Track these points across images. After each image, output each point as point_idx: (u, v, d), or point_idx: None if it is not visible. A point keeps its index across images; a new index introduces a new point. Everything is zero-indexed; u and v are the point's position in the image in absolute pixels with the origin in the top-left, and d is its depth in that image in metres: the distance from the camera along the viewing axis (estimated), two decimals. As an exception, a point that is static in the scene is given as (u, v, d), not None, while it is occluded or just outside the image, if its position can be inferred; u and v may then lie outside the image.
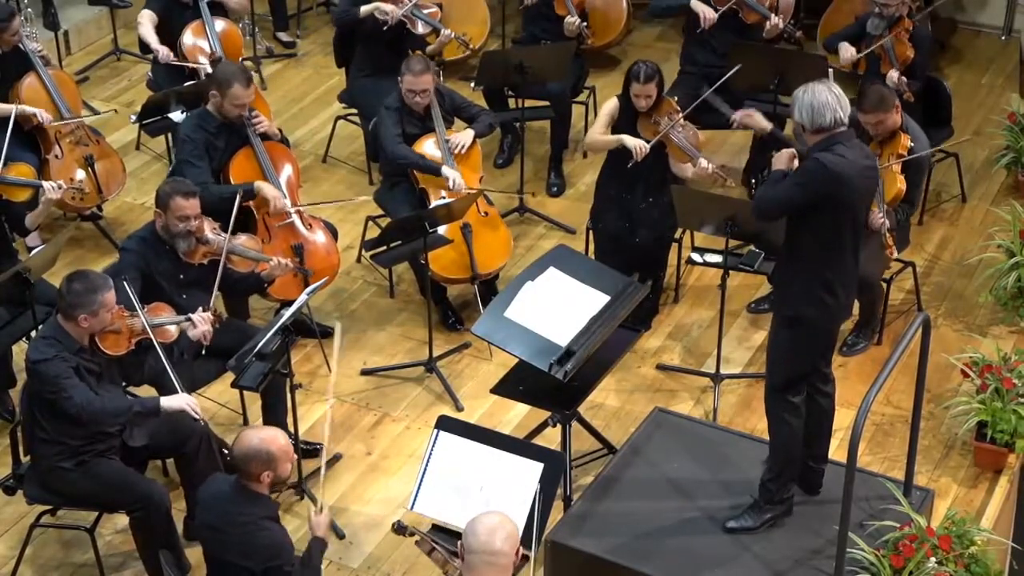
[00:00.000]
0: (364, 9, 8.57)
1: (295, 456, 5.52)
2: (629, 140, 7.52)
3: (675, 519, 6.20)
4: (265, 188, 7.35)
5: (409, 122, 7.81)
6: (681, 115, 7.52)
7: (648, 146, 7.48)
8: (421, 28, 8.65)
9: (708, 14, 8.62)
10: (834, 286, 5.74)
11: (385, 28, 8.49)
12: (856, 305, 6.99)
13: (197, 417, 6.05)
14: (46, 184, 7.30)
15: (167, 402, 6.03)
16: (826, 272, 5.72)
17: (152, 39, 8.65)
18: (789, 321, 5.87)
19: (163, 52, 8.58)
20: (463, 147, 7.78)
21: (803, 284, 5.77)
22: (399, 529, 5.33)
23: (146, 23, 8.71)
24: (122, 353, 6.10)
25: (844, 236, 5.69)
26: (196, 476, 6.20)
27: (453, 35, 8.78)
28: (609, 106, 7.69)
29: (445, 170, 7.63)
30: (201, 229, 6.62)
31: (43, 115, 8.03)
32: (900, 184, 7.17)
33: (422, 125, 7.84)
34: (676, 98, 7.79)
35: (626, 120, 7.63)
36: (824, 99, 5.57)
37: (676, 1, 8.80)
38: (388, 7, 8.53)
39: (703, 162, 7.52)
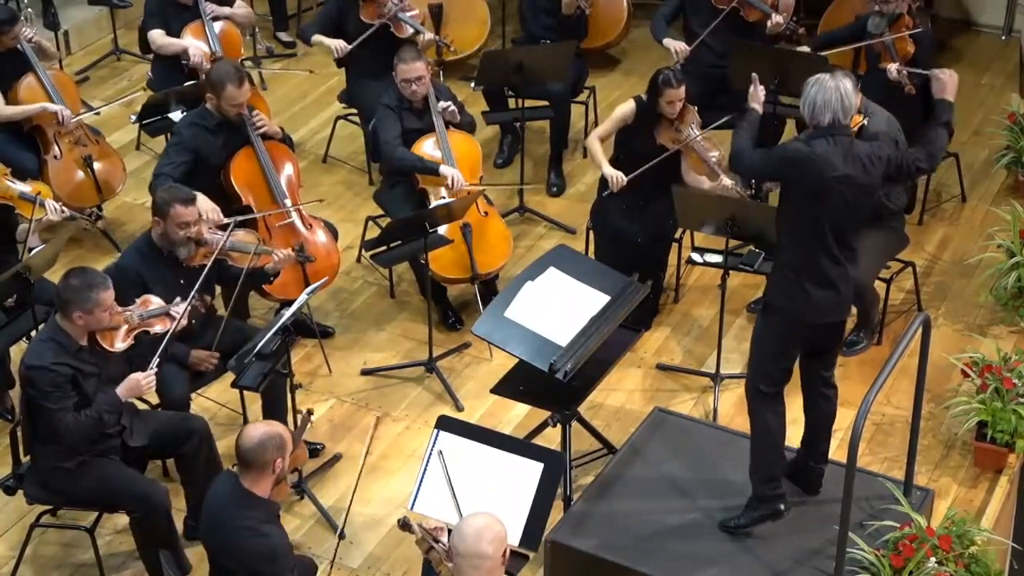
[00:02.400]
0: (314, 39, 8.68)
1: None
2: (607, 169, 7.56)
3: (675, 519, 6.21)
4: (201, 200, 6.95)
5: (408, 118, 7.81)
6: (700, 133, 7.51)
7: (626, 181, 7.49)
8: (407, 31, 8.64)
9: (679, 48, 8.68)
10: (802, 281, 5.75)
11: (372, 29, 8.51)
12: (853, 308, 6.99)
13: (149, 383, 6.04)
14: (48, 204, 7.25)
15: (121, 391, 5.99)
16: (797, 265, 5.76)
17: (176, 45, 8.57)
18: (764, 308, 5.99)
19: (196, 56, 8.48)
20: (453, 112, 7.82)
21: (779, 274, 5.89)
22: (404, 525, 5.34)
23: (163, 40, 8.63)
24: (122, 349, 6.09)
25: (816, 234, 5.68)
26: (196, 476, 6.21)
27: (435, 38, 8.80)
28: (624, 110, 7.62)
29: (444, 169, 7.62)
30: (200, 232, 6.61)
31: (64, 112, 8.02)
32: None
33: (421, 121, 7.84)
34: (697, 107, 7.74)
35: (644, 126, 7.58)
36: (828, 98, 5.59)
37: (658, 37, 8.87)
38: (335, 45, 8.53)
39: (726, 180, 7.49)
